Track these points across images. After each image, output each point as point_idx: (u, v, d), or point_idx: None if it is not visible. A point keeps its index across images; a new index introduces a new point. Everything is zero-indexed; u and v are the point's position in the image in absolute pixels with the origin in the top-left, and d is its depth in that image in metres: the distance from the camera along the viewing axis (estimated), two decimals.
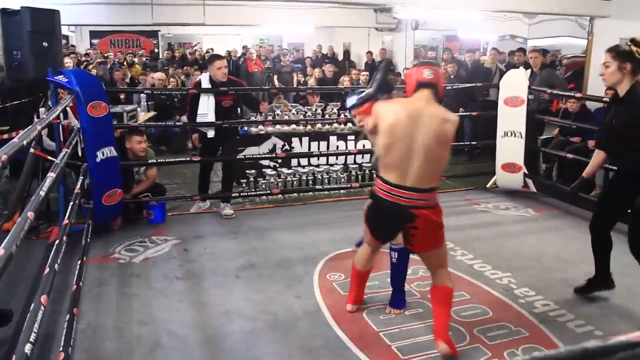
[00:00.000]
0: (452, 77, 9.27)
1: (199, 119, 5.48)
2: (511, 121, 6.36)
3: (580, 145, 6.81)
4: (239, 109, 5.71)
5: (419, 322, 3.53)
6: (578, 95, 6.82)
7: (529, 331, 3.46)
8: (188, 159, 5.66)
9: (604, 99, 6.58)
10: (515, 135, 6.36)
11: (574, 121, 6.89)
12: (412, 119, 2.94)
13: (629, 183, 3.60)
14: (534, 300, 3.89)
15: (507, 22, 9.79)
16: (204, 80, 5.54)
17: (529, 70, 6.76)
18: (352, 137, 6.74)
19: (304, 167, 6.49)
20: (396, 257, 3.60)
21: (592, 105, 7.17)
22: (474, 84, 7.63)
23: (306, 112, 6.66)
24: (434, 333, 3.22)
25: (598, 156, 3.82)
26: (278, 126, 6.53)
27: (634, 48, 3.43)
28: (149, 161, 5.43)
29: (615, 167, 4.17)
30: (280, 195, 6.15)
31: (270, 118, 6.56)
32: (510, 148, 6.41)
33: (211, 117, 5.42)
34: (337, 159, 6.63)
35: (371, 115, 3.16)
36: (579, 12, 7.57)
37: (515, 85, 6.37)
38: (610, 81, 3.55)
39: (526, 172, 6.48)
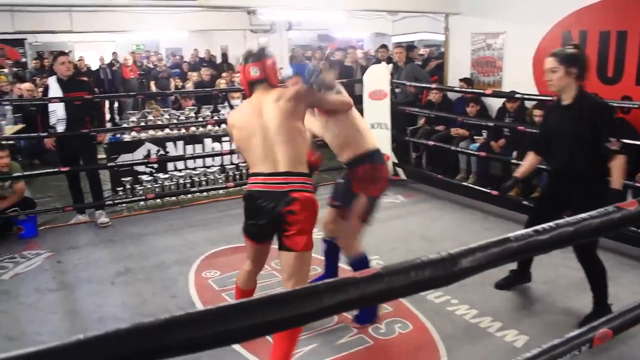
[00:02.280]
0: None
1: (50, 117, 5.39)
2: (377, 114, 6.73)
3: (445, 133, 7.34)
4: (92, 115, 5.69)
5: None
6: (434, 86, 7.37)
7: (393, 307, 3.74)
8: (56, 169, 5.50)
9: (455, 89, 7.18)
10: (381, 127, 6.74)
11: (437, 111, 7.40)
12: (256, 111, 2.93)
13: (602, 187, 3.36)
14: None
15: (373, 21, 10.26)
16: (52, 81, 5.48)
17: (391, 65, 7.19)
18: (227, 138, 6.83)
19: (180, 171, 6.51)
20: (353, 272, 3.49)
21: (452, 96, 7.75)
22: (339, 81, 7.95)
23: (179, 116, 6.67)
24: None
25: (533, 159, 3.73)
26: (151, 132, 6.50)
27: (578, 51, 3.35)
28: (13, 175, 5.25)
29: (548, 169, 4.13)
30: (158, 200, 6.15)
31: (142, 124, 6.52)
32: (378, 139, 6.73)
33: (60, 113, 5.35)
34: (213, 160, 6.70)
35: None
36: (433, 9, 8.11)
37: (377, 79, 6.76)
38: (558, 86, 3.33)
39: (395, 161, 6.88)
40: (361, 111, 6.87)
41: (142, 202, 6.03)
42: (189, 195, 6.32)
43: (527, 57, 7.04)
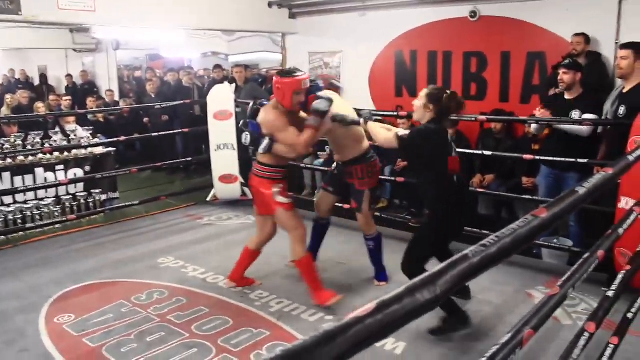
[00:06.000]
0: (153, 96, 9.29)
1: None
2: (223, 134, 6.62)
3: None
4: None
5: (163, 346, 3.46)
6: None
7: (270, 330, 3.66)
8: None
9: None
10: (228, 148, 6.63)
11: None
12: None
13: None
14: (268, 300, 4.12)
15: (208, 40, 10.13)
16: None
17: (234, 85, 7.13)
18: (61, 166, 6.25)
19: (9, 205, 5.81)
20: (372, 245, 4.37)
21: None
22: (179, 102, 7.70)
23: (3, 145, 5.96)
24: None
25: None
26: None
27: None
28: None
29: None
30: None
31: None
32: (224, 160, 6.68)
33: None
34: (46, 192, 6.08)
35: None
36: (270, 29, 8.20)
37: (222, 99, 6.65)
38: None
39: (242, 181, 6.80)
40: (206, 133, 6.73)
41: None
42: (20, 233, 5.66)
43: (363, 75, 7.39)
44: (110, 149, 6.86)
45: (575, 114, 4.68)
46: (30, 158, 6.06)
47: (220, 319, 3.81)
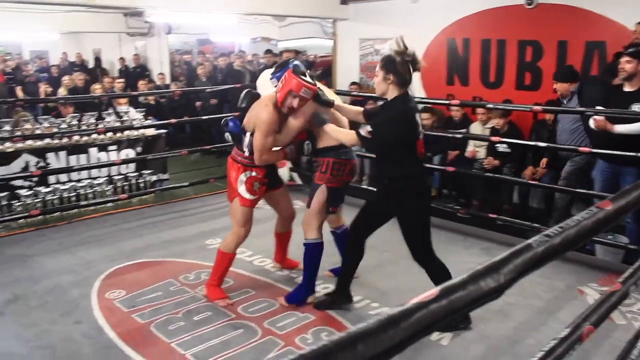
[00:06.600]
0: (204, 79, 9.40)
1: None
2: None
3: None
4: None
5: (209, 325, 3.52)
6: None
7: (315, 314, 3.67)
8: None
9: (352, 93, 7.19)
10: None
11: None
12: None
13: None
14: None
15: (259, 25, 10.17)
16: None
17: None
18: (114, 147, 6.40)
19: (64, 183, 5.99)
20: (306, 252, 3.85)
21: (344, 100, 7.83)
22: (230, 86, 7.78)
23: (60, 125, 6.14)
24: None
25: None
26: (29, 141, 5.92)
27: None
28: None
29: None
30: (40, 217, 5.60)
31: (18, 133, 5.90)
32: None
33: None
34: (99, 171, 6.24)
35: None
36: (321, 14, 8.16)
37: (271, 84, 6.64)
38: None
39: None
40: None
41: (21, 220, 5.46)
42: (75, 210, 5.84)
43: None
44: (161, 131, 6.98)
45: (636, 107, 4.50)
46: (85, 138, 6.23)
47: (266, 302, 3.84)
